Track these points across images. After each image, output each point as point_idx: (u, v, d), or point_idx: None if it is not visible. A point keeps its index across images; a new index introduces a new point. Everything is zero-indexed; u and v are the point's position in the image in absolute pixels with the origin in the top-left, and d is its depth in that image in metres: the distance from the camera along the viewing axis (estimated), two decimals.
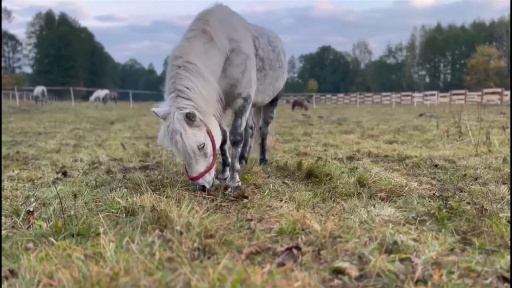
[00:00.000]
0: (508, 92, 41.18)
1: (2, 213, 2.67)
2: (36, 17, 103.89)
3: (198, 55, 3.42)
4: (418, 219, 2.64)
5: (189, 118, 3.19)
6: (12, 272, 1.69)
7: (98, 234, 2.09)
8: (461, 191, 3.57)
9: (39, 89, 40.05)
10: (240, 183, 3.78)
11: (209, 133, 3.39)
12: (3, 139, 8.64)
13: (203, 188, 3.41)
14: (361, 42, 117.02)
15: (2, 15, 29.34)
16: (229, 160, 4.19)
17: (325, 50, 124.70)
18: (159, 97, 3.73)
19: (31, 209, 2.60)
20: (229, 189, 3.59)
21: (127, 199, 2.87)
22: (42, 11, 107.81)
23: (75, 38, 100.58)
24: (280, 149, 6.63)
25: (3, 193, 3.40)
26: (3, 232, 2.25)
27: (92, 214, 2.55)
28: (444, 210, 2.71)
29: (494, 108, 27.71)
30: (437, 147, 6.94)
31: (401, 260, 1.90)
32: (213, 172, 3.51)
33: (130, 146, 7.31)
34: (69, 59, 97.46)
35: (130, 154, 5.99)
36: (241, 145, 3.95)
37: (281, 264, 1.77)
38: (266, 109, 5.09)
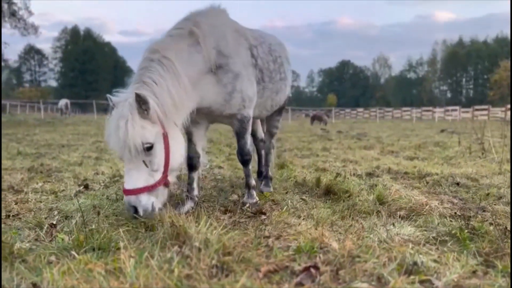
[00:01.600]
0: None
1: (27, 225, 2.73)
2: (62, 32, 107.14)
3: (178, 56, 3.02)
4: (439, 239, 2.60)
5: (139, 104, 2.70)
6: (35, 285, 1.73)
7: (119, 249, 2.12)
8: (484, 211, 3.49)
9: (63, 102, 41.08)
10: (258, 200, 3.66)
11: (165, 138, 2.84)
12: (28, 151, 8.88)
13: (134, 211, 2.76)
14: (381, 56, 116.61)
15: (30, 30, 30.34)
16: (194, 192, 3.61)
17: (345, 65, 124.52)
18: None
19: (54, 222, 2.66)
20: (247, 205, 3.48)
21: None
22: (68, 26, 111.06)
23: (99, 52, 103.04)
24: (299, 164, 6.61)
25: (27, 205, 3.49)
26: (26, 244, 2.31)
27: (113, 228, 2.60)
28: (466, 231, 2.66)
29: None
30: (459, 164, 6.82)
31: (421, 282, 1.87)
32: (155, 197, 2.82)
33: None
34: (93, 72, 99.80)
35: None
36: (250, 163, 3.73)
37: (299, 284, 1.77)
38: (271, 119, 4.57)
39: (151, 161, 2.78)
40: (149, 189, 2.77)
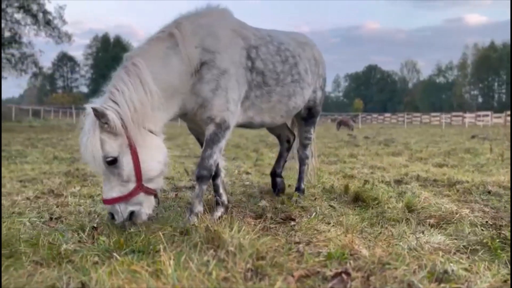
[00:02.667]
0: None
1: (70, 228, 2.90)
2: (93, 40, 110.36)
3: (151, 59, 2.97)
4: (470, 248, 2.60)
5: (97, 117, 2.66)
6: (84, 284, 1.86)
7: (157, 251, 2.24)
8: None
9: None
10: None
11: (132, 149, 2.78)
12: (63, 155, 9.22)
13: (111, 216, 2.84)
14: (409, 61, 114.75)
15: (64, 38, 31.38)
16: (223, 197, 3.58)
17: (372, 69, 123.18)
18: None
19: (95, 225, 2.81)
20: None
21: (178, 219, 3.03)
22: (99, 34, 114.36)
23: None
24: (326, 171, 6.64)
25: (67, 208, 3.68)
26: (72, 246, 2.45)
27: (150, 231, 2.72)
28: (498, 240, 2.65)
29: None
30: (491, 171, 6.69)
31: None
32: (131, 206, 2.82)
33: (180, 164, 7.58)
34: None
35: (180, 173, 6.23)
36: (206, 183, 3.26)
37: None
38: (301, 130, 4.43)
39: (119, 173, 2.77)
40: (124, 199, 2.78)
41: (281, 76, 3.58)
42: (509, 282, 2.07)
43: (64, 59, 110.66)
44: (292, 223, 3.20)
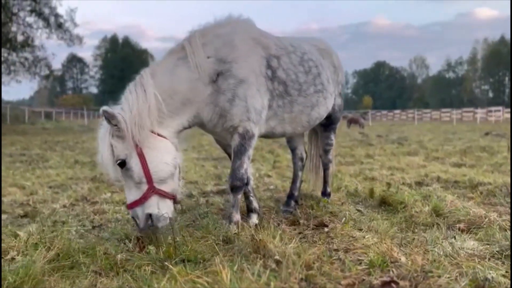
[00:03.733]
0: None
1: (114, 236, 3.02)
2: (102, 41, 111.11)
3: (160, 70, 3.14)
4: (504, 253, 2.68)
5: (107, 119, 2.87)
6: None
7: (206, 260, 2.35)
8: None
9: None
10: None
11: (139, 152, 2.91)
12: (83, 159, 9.40)
13: (136, 223, 2.99)
14: (418, 56, 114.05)
15: (75, 41, 31.76)
16: (254, 204, 3.69)
17: (380, 66, 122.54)
18: None
19: (140, 235, 2.93)
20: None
21: (217, 227, 3.15)
22: (108, 34, 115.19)
23: (136, 59, 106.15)
24: (346, 173, 6.72)
25: (106, 216, 3.81)
26: (123, 255, 2.58)
27: (194, 240, 2.83)
28: None
29: None
30: (509, 172, 6.72)
31: None
32: (148, 208, 2.92)
33: (200, 167, 7.71)
34: (132, 79, 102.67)
35: (204, 177, 6.35)
36: (241, 192, 3.37)
37: None
38: (322, 136, 4.46)
39: (131, 175, 2.91)
40: (139, 202, 2.90)
41: (304, 87, 3.60)
42: None
43: (74, 61, 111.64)
44: (326, 229, 3.30)
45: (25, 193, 5.10)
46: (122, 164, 2.90)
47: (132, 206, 2.93)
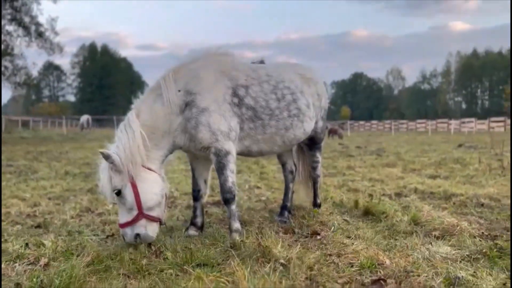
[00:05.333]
0: None
1: (129, 245, 3.34)
2: (80, 48, 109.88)
3: (143, 109, 3.63)
4: (472, 257, 3.13)
5: (105, 158, 3.40)
6: None
7: (219, 264, 2.70)
8: (507, 231, 3.99)
9: (84, 118, 42.34)
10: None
11: (132, 184, 3.40)
12: (73, 171, 9.57)
13: (123, 239, 3.46)
14: (394, 68, 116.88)
15: (56, 49, 31.62)
16: (197, 219, 4.06)
17: (358, 77, 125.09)
18: None
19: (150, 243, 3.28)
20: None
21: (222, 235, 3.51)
22: (86, 42, 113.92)
23: (115, 68, 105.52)
24: (331, 184, 7.15)
25: (115, 226, 4.10)
26: (144, 261, 2.91)
27: (205, 247, 3.18)
28: (495, 250, 3.18)
29: None
30: (480, 183, 7.27)
31: None
32: (136, 229, 3.39)
33: (190, 179, 8.01)
34: (110, 87, 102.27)
35: None
36: (234, 202, 3.74)
37: None
38: (308, 155, 4.85)
39: (124, 202, 3.43)
40: (129, 224, 3.40)
41: (276, 112, 3.99)
42: (508, 285, 2.58)
43: (50, 68, 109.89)
44: (318, 237, 3.69)
45: (28, 204, 5.33)
46: (118, 193, 3.43)
47: (123, 226, 3.44)
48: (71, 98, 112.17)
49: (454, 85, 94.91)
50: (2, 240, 3.55)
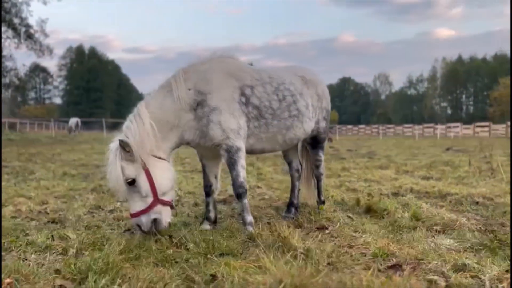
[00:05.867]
0: None
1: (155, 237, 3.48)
2: (67, 51, 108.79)
3: (153, 102, 3.82)
4: (475, 248, 3.34)
5: (122, 147, 3.50)
6: (214, 276, 2.48)
7: (241, 254, 2.86)
8: (503, 226, 4.22)
9: (73, 121, 41.96)
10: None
11: (146, 172, 3.56)
12: (71, 172, 9.62)
13: (139, 228, 3.58)
14: (381, 73, 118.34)
15: (45, 52, 31.45)
16: (210, 214, 4.24)
17: (345, 81, 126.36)
18: None
19: (170, 235, 3.43)
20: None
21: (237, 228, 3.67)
22: (73, 44, 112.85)
23: (103, 70, 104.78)
24: (328, 185, 7.35)
25: (129, 221, 4.23)
26: (169, 251, 3.05)
27: (224, 239, 3.34)
28: (495, 241, 3.40)
29: None
30: (472, 184, 7.54)
31: (472, 277, 2.61)
32: (153, 215, 3.56)
33: (190, 179, 8.15)
34: (97, 90, 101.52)
35: (199, 188, 6.81)
36: (246, 196, 3.95)
37: (391, 275, 2.50)
38: (311, 154, 5.04)
39: (139, 190, 3.56)
40: (145, 211, 3.54)
41: (278, 112, 4.19)
42: (509, 271, 2.79)
43: (37, 70, 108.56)
44: (327, 231, 3.87)
45: (36, 202, 5.40)
46: (132, 182, 3.55)
47: (137, 215, 3.57)
48: (58, 101, 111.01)
49: (439, 91, 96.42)
50: (25, 233, 3.67)
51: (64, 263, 2.68)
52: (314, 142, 4.93)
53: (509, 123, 44.52)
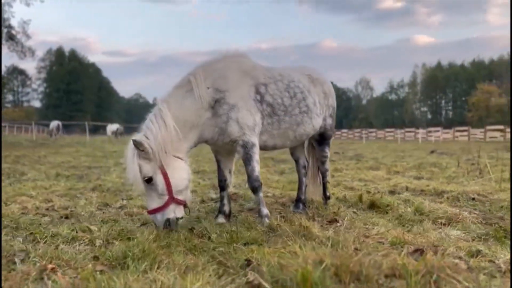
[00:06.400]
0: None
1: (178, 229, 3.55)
2: (46, 53, 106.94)
3: (173, 103, 3.83)
4: (482, 237, 3.51)
5: (136, 146, 3.56)
6: (249, 261, 2.57)
7: (265, 242, 2.96)
8: (502, 219, 4.42)
9: (54, 124, 41.30)
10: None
11: (162, 171, 3.64)
12: (64, 172, 9.54)
13: (155, 224, 3.69)
14: (363, 78, 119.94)
15: (27, 53, 30.95)
16: (225, 208, 4.35)
17: None
18: None
19: (191, 227, 3.50)
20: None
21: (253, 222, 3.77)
22: (52, 46, 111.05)
23: (83, 73, 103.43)
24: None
25: (143, 217, 4.28)
26: (196, 240, 3.13)
27: (245, 230, 3.43)
28: (501, 231, 3.58)
29: (498, 144, 28.67)
30: (462, 183, 7.79)
31: (487, 261, 2.77)
32: (167, 214, 3.64)
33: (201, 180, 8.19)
34: (78, 93, 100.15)
35: (200, 187, 6.88)
36: (261, 190, 4.10)
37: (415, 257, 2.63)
38: (318, 150, 5.21)
39: (155, 188, 3.64)
40: (160, 209, 3.63)
41: (289, 108, 4.33)
42: None
43: (15, 72, 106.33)
44: (338, 224, 4.00)
45: (40, 201, 5.39)
46: (149, 180, 3.63)
47: (153, 212, 3.66)
48: (37, 104, 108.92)
49: (420, 96, 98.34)
50: (44, 227, 3.68)
51: (100, 251, 2.74)
52: (321, 139, 5.09)
53: (487, 127, 45.80)
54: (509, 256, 2.87)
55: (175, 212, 3.68)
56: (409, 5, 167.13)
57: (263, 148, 4.43)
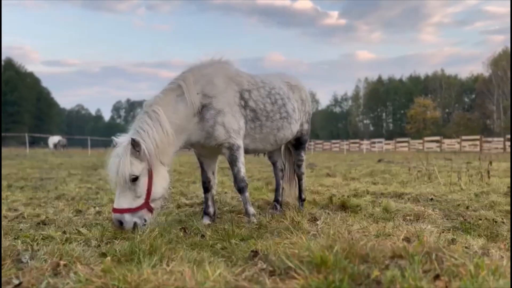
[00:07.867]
0: (446, 140, 45.61)
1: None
2: None
3: (165, 107, 3.85)
4: (451, 230, 3.84)
5: (133, 146, 3.56)
6: (256, 252, 2.67)
7: (261, 237, 3.08)
8: (461, 216, 4.83)
9: None
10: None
11: (149, 174, 3.66)
12: (15, 183, 9.07)
13: (119, 224, 3.56)
14: (309, 92, 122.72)
15: None
16: (210, 209, 4.44)
17: None
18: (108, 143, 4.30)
19: (183, 226, 3.53)
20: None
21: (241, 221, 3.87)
22: None
23: (21, 83, 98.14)
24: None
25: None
26: (196, 238, 3.17)
27: (238, 228, 3.52)
28: (466, 224, 3.94)
29: (436, 154, 30.64)
30: (415, 187, 8.32)
31: (464, 247, 3.06)
32: (137, 217, 3.60)
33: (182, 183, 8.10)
34: (15, 104, 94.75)
35: (173, 194, 6.84)
36: (247, 190, 4.28)
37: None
38: (294, 154, 5.39)
39: (135, 189, 3.61)
40: (131, 210, 3.58)
41: (271, 114, 4.51)
42: (487, 243, 3.29)
43: None
44: (318, 222, 4.19)
45: (5, 209, 5.14)
46: (135, 179, 3.60)
47: (122, 211, 3.56)
48: None
49: (362, 109, 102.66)
50: (27, 232, 3.54)
51: (106, 248, 2.73)
52: (298, 143, 5.30)
53: (425, 138, 48.78)
54: (480, 244, 3.19)
55: (144, 218, 3.66)
56: (351, 22, 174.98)
57: (245, 151, 4.54)
